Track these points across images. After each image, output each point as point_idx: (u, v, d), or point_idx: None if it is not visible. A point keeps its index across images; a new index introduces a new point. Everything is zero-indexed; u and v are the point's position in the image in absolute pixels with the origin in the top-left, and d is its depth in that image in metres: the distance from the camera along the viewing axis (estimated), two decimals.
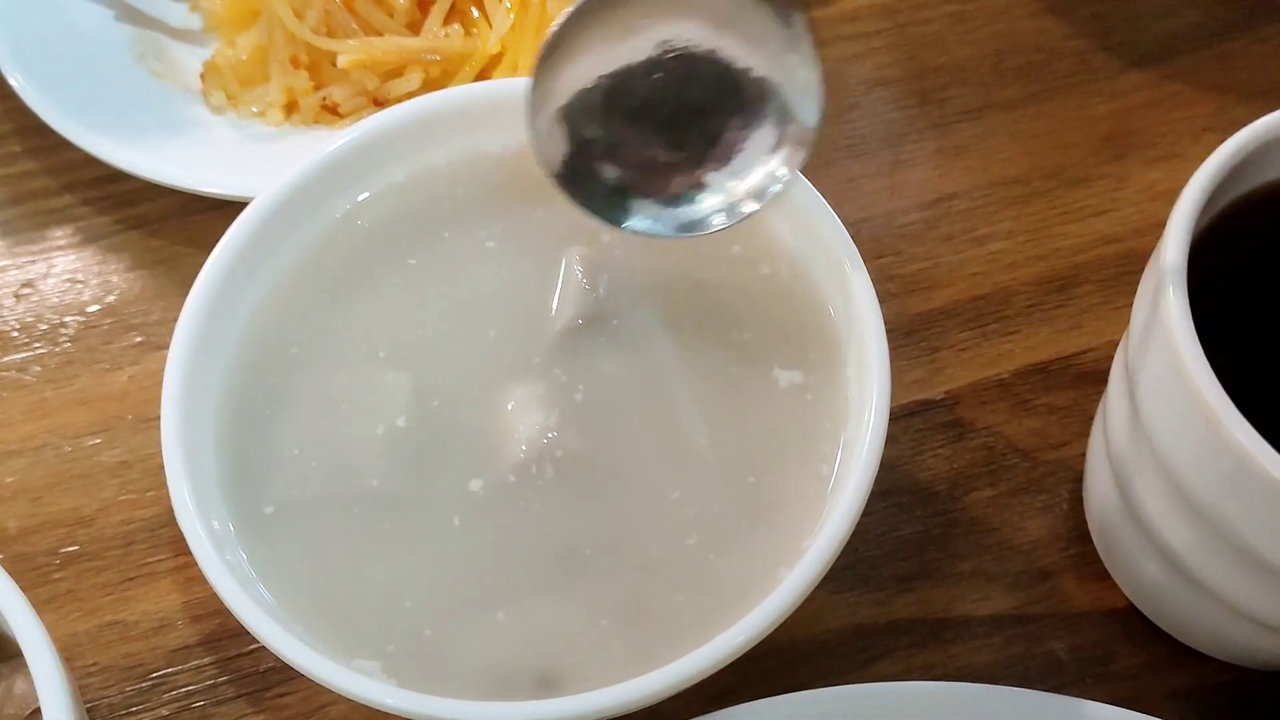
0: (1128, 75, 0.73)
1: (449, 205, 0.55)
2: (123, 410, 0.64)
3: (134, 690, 0.56)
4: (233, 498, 0.49)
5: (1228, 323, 0.46)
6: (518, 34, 0.69)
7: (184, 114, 0.70)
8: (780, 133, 0.49)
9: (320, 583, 0.48)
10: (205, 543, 0.46)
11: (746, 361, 0.52)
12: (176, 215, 0.70)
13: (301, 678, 0.45)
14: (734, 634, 0.45)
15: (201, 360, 0.51)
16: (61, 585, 0.59)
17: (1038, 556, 0.59)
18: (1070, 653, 0.56)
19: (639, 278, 0.53)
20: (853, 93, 0.74)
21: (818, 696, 0.51)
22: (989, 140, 0.71)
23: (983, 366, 0.64)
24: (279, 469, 0.50)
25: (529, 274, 0.54)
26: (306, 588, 0.48)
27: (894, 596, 0.58)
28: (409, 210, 0.55)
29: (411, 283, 0.54)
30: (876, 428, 0.47)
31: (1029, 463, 0.61)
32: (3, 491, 0.61)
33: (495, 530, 0.49)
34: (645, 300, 0.53)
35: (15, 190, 0.71)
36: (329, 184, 0.54)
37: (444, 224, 0.55)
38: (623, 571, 0.48)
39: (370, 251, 0.55)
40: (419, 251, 0.54)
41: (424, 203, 0.55)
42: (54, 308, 0.67)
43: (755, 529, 0.49)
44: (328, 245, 0.55)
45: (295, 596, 0.48)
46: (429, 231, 0.55)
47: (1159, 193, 0.69)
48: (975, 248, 0.67)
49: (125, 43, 0.73)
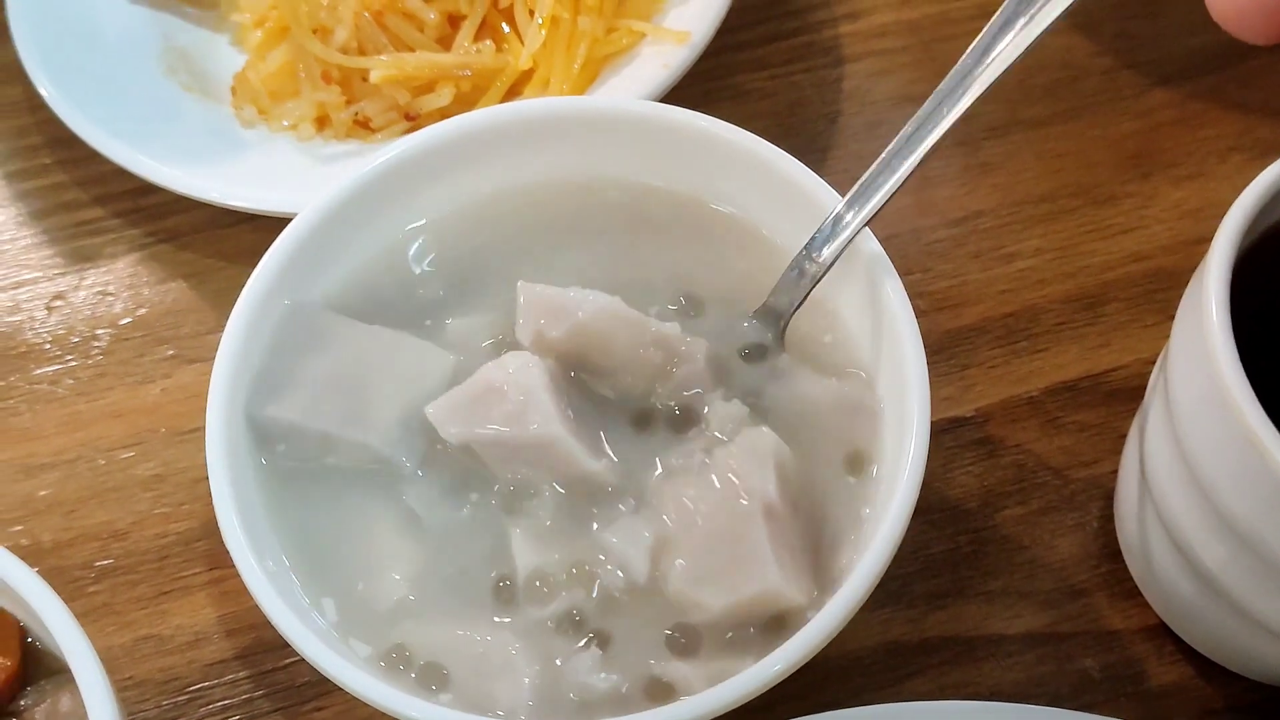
0: (1153, 93, 0.74)
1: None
2: (155, 423, 0.64)
3: (170, 704, 0.56)
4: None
5: (1269, 345, 0.46)
6: (549, 50, 0.69)
7: (215, 127, 0.70)
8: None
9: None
10: (250, 558, 0.46)
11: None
12: (207, 228, 0.70)
13: (337, 691, 0.46)
14: (770, 662, 0.45)
15: (244, 377, 0.51)
16: (97, 599, 0.59)
17: (1069, 574, 0.59)
18: (1102, 671, 0.57)
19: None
20: (878, 109, 0.74)
21: (850, 716, 0.51)
22: (1016, 158, 0.71)
23: (1013, 384, 0.64)
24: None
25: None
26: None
27: (926, 614, 0.58)
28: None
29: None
30: (916, 457, 0.47)
31: (1060, 480, 0.61)
32: (37, 505, 0.62)
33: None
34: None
35: (46, 202, 0.72)
36: (373, 203, 0.55)
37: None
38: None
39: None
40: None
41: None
42: (85, 320, 0.67)
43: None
44: (374, 271, 0.55)
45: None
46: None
47: (1186, 211, 0.69)
48: (1003, 265, 0.68)
49: (155, 55, 0.73)
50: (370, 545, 0.50)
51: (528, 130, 0.56)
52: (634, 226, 0.56)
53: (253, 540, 0.47)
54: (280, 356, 0.51)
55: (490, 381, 0.49)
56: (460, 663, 0.47)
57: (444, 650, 0.48)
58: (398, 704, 0.45)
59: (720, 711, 0.45)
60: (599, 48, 0.70)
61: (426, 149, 0.55)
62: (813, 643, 0.45)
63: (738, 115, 0.55)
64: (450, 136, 0.55)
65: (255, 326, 0.51)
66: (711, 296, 0.54)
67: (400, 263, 0.56)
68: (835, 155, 0.72)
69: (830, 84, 0.75)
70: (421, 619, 0.48)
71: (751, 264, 0.55)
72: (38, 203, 0.72)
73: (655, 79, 0.68)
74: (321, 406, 0.51)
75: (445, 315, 0.54)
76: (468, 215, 0.56)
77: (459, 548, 0.50)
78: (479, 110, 0.57)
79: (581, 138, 0.56)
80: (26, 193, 0.72)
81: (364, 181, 0.54)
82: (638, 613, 0.48)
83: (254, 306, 0.52)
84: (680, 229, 0.56)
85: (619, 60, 0.70)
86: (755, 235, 0.55)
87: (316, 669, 0.45)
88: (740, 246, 0.55)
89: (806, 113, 0.74)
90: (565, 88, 0.69)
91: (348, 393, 0.51)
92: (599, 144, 0.56)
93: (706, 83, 0.73)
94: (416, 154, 0.55)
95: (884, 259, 0.51)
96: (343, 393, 0.51)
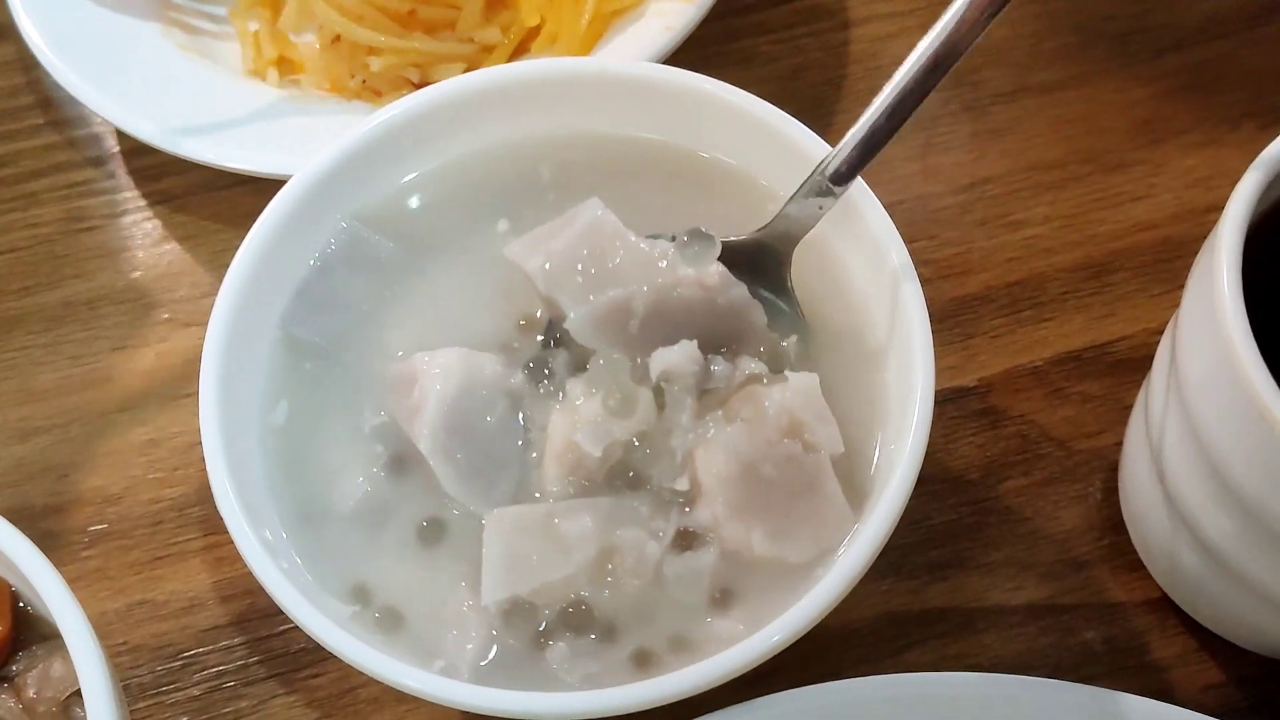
0: (1165, 59, 0.72)
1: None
2: (149, 387, 0.63)
3: (164, 670, 0.56)
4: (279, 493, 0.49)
5: (1279, 315, 0.46)
6: (556, 5, 0.68)
7: (211, 89, 0.69)
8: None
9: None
10: (246, 527, 0.46)
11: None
12: (202, 190, 0.69)
13: (333, 659, 0.45)
14: (769, 633, 0.44)
15: (240, 342, 0.50)
16: (90, 564, 0.58)
17: (1071, 546, 0.58)
18: (1104, 643, 0.56)
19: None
20: (886, 73, 0.72)
21: (850, 686, 0.51)
22: (1024, 124, 0.70)
23: (1017, 353, 0.63)
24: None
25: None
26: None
27: (927, 585, 0.57)
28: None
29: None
30: (919, 428, 0.46)
31: (1063, 451, 0.60)
32: (30, 469, 0.61)
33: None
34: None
35: (39, 163, 0.71)
36: (370, 163, 0.54)
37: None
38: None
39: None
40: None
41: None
42: (79, 283, 0.67)
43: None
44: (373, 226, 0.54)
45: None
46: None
47: (1195, 180, 0.68)
48: (1010, 233, 0.67)
49: (152, 15, 0.72)
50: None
51: (529, 90, 0.55)
52: (635, 175, 0.55)
53: (248, 510, 0.47)
54: (325, 276, 0.52)
55: (412, 371, 0.49)
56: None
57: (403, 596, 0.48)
58: (395, 673, 0.44)
59: (719, 682, 0.44)
60: (607, 3, 0.69)
61: (428, 108, 0.54)
62: (812, 614, 0.44)
63: (742, 79, 0.54)
64: (450, 97, 0.54)
65: (250, 298, 0.51)
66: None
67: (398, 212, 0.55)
68: (840, 119, 0.71)
69: (835, 48, 0.74)
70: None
71: (751, 211, 0.53)
72: (30, 163, 0.71)
73: (659, 41, 0.67)
74: (346, 335, 0.51)
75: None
76: (467, 167, 0.55)
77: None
78: (480, 71, 0.56)
79: (582, 98, 0.55)
80: (18, 153, 0.71)
81: (361, 141, 0.53)
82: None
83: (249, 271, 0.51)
84: (680, 180, 0.55)
85: (622, 21, 0.69)
86: (753, 184, 0.55)
87: (317, 640, 0.45)
88: (740, 195, 0.54)
89: (811, 77, 0.73)
90: (573, 45, 0.68)
91: (370, 327, 0.52)
92: (606, 103, 0.55)
93: (710, 46, 0.72)
94: (415, 113, 0.54)
95: (891, 228, 0.50)
96: (367, 326, 0.52)
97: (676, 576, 0.47)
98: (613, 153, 0.55)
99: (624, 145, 0.55)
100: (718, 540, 0.47)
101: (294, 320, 0.52)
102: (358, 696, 0.55)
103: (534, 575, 0.46)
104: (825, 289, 0.52)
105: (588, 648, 0.46)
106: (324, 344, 0.52)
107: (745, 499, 0.47)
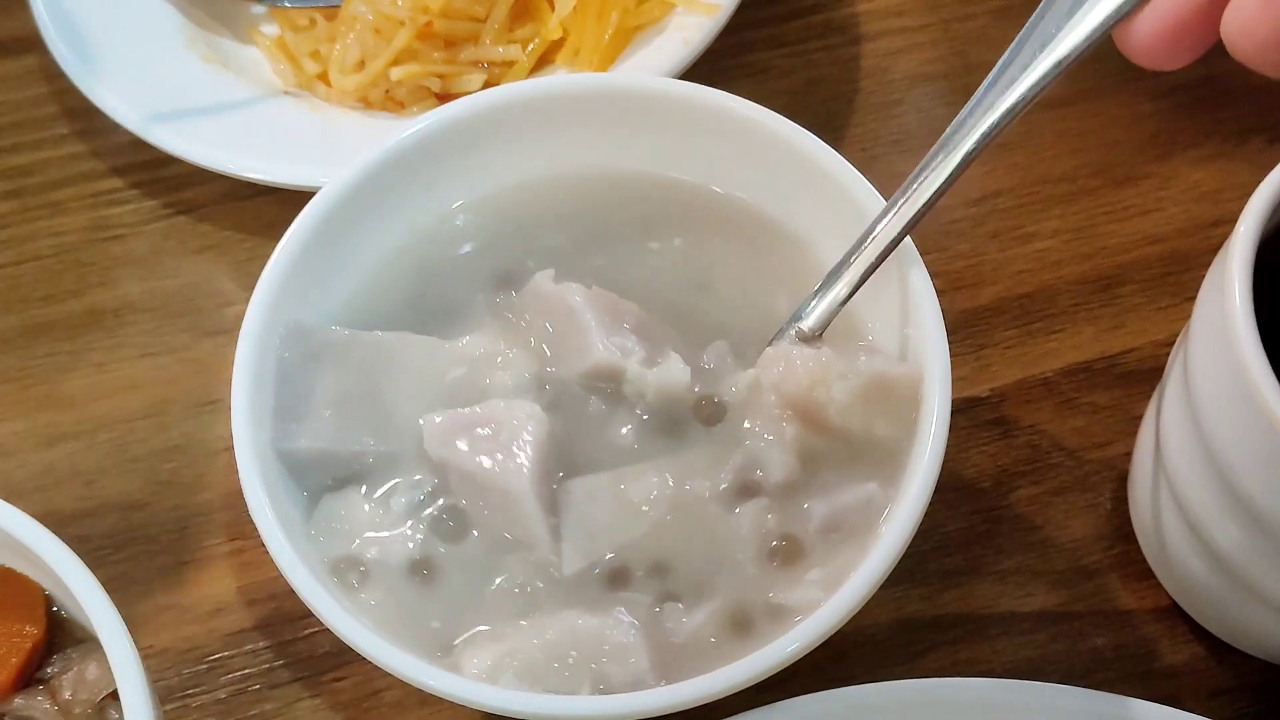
0: (1173, 74, 0.72)
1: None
2: (174, 395, 0.64)
3: (190, 673, 0.57)
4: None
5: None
6: (580, 18, 0.69)
7: (233, 99, 0.70)
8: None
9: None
10: (277, 529, 0.47)
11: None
12: (224, 200, 0.70)
13: (358, 661, 0.46)
14: (785, 642, 0.45)
15: (269, 353, 0.51)
16: (117, 568, 0.59)
17: (1082, 554, 0.59)
18: (1114, 650, 0.57)
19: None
20: (897, 88, 0.74)
21: (866, 691, 0.52)
22: (1034, 137, 0.71)
23: (1028, 364, 0.64)
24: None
25: None
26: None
27: (940, 591, 0.58)
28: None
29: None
30: (937, 440, 0.48)
31: (1073, 461, 0.61)
32: (58, 475, 0.62)
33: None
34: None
35: (63, 172, 0.72)
36: (401, 179, 0.54)
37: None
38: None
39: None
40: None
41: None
42: (104, 291, 0.67)
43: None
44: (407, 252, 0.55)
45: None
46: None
47: (1203, 194, 0.69)
48: (1021, 245, 0.68)
49: (175, 26, 0.73)
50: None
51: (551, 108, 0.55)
52: (651, 226, 0.56)
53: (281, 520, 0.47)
54: (290, 384, 0.50)
55: (489, 416, 0.49)
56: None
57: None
58: (420, 674, 0.45)
59: (739, 688, 0.45)
60: (630, 18, 0.69)
61: (452, 124, 0.54)
62: (826, 626, 0.45)
63: (755, 93, 0.55)
64: (479, 111, 0.55)
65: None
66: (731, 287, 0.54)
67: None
68: (852, 134, 0.72)
69: (848, 62, 0.75)
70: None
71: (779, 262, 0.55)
72: (54, 172, 0.72)
73: (677, 55, 0.68)
74: (346, 426, 0.50)
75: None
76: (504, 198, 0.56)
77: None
78: (505, 86, 0.57)
79: (603, 118, 0.55)
80: (43, 162, 0.72)
81: (384, 160, 0.54)
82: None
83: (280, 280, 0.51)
84: (698, 225, 0.56)
85: (642, 35, 0.70)
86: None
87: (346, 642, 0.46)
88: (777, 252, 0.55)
89: (823, 91, 0.74)
90: (595, 59, 0.68)
91: (367, 405, 0.50)
92: (621, 128, 0.56)
93: (724, 60, 0.73)
94: (437, 131, 0.54)
95: (910, 246, 0.51)
96: (363, 407, 0.50)
97: (737, 526, 0.48)
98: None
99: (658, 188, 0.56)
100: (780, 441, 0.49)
101: (284, 438, 0.49)
102: (381, 700, 0.56)
103: (611, 538, 0.48)
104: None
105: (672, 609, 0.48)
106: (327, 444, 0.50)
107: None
